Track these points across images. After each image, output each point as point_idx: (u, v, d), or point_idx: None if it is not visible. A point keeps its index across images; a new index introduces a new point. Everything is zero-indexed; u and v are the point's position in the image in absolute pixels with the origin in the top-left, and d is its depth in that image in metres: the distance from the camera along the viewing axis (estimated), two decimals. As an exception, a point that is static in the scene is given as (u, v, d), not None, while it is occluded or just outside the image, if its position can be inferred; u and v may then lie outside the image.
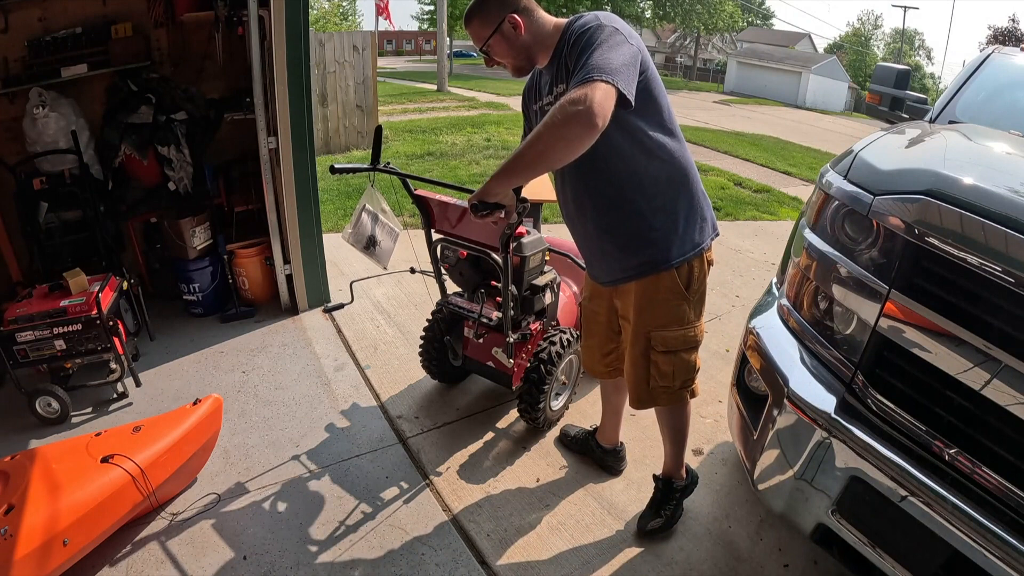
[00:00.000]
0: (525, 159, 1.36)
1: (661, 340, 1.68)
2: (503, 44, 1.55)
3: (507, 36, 1.54)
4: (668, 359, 1.70)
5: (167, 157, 3.16)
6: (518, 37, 1.54)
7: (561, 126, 1.28)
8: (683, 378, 1.74)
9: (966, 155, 1.69)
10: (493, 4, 1.53)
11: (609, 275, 1.73)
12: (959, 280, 1.22)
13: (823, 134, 14.30)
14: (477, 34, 1.56)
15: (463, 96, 15.51)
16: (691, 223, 1.61)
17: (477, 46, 1.59)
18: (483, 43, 1.56)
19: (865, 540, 1.35)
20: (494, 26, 1.53)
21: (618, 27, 1.41)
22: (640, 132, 1.51)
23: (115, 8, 3.12)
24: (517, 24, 1.52)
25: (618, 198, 1.58)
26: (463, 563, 1.84)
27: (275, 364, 2.87)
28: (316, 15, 27.08)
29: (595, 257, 1.76)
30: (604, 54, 1.33)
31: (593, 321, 1.93)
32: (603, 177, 1.57)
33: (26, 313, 2.39)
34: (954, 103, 2.39)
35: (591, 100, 1.25)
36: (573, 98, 1.27)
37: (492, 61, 1.61)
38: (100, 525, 1.70)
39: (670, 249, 1.60)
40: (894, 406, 1.34)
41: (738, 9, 35.28)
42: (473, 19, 1.56)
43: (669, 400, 1.78)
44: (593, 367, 2.02)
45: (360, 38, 7.91)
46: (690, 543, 1.94)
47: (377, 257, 2.36)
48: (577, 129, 1.27)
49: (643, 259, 1.62)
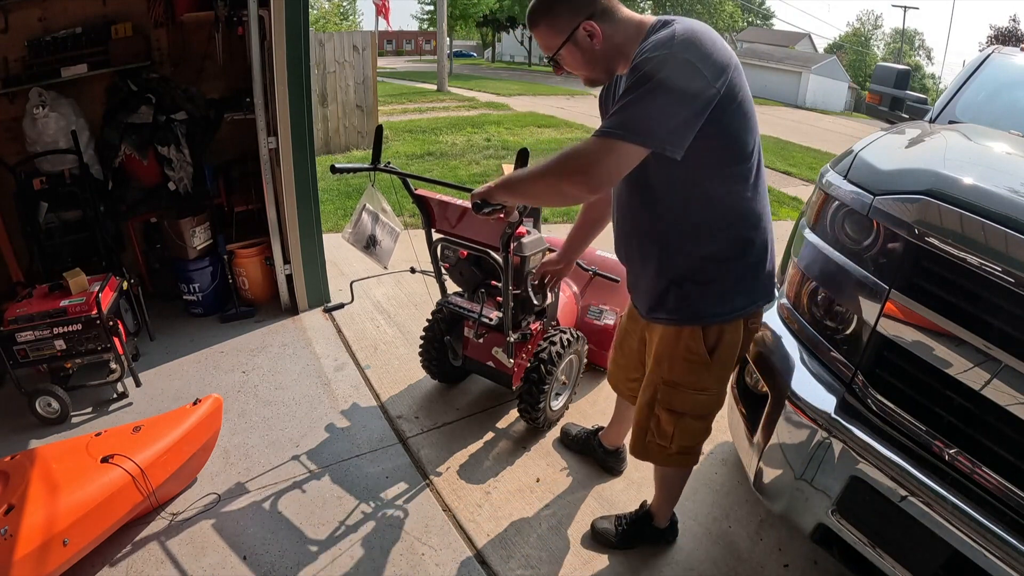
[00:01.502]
0: (525, 189, 1.34)
1: (668, 398, 1.53)
2: (577, 55, 1.33)
3: (582, 46, 1.31)
4: (672, 419, 1.55)
5: (167, 157, 3.16)
6: (595, 47, 1.31)
7: (557, 178, 1.22)
8: (683, 443, 1.58)
9: (966, 155, 1.69)
10: (564, 6, 1.29)
11: (642, 307, 1.57)
12: (959, 280, 1.22)
13: (823, 134, 14.29)
14: (545, 43, 1.34)
15: (463, 96, 15.50)
16: (740, 284, 1.41)
17: (546, 55, 1.37)
18: (553, 53, 1.34)
19: (865, 540, 1.35)
20: (566, 34, 1.30)
21: (694, 58, 1.15)
22: (699, 176, 1.30)
23: (115, 8, 3.12)
24: (594, 32, 1.29)
25: (664, 237, 1.41)
26: (463, 563, 1.84)
27: (275, 364, 2.87)
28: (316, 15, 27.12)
29: (633, 283, 1.60)
30: (650, 107, 1.14)
31: (626, 341, 1.79)
32: (651, 210, 1.40)
33: (26, 313, 2.39)
34: (954, 103, 2.39)
35: (593, 165, 1.15)
36: (578, 153, 1.18)
37: (562, 70, 1.40)
38: (100, 525, 1.70)
39: (703, 306, 1.42)
40: (894, 406, 1.34)
41: (738, 9, 35.31)
42: (539, 23, 1.33)
43: (663, 461, 1.66)
44: (617, 385, 1.93)
45: (360, 38, 7.91)
46: (690, 543, 1.94)
47: (377, 257, 2.36)
48: (570, 189, 1.21)
49: (672, 307, 1.45)
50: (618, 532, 1.91)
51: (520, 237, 2.12)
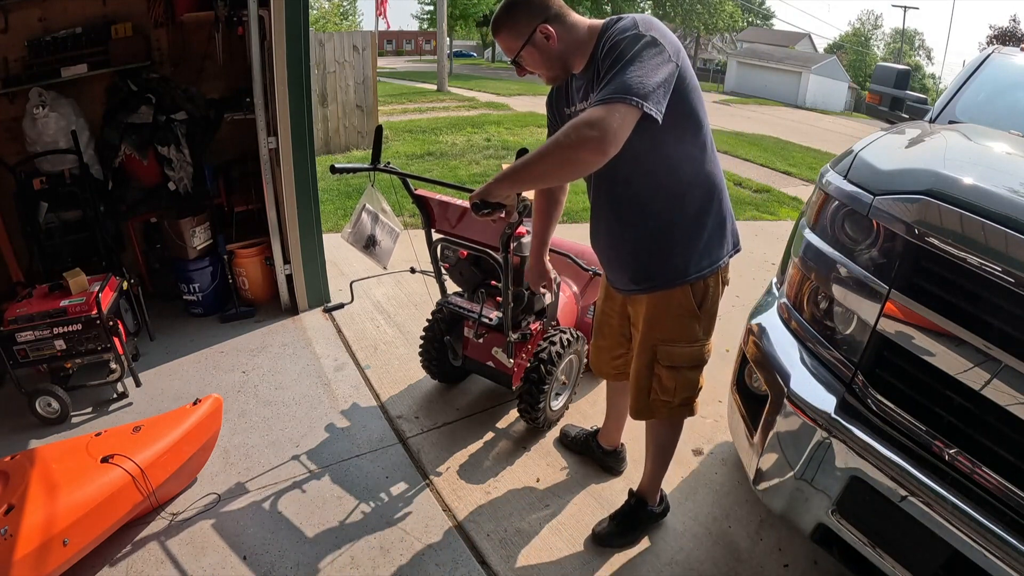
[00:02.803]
0: (531, 172, 1.35)
1: (667, 355, 1.64)
2: (536, 55, 1.48)
3: (539, 47, 1.46)
4: (672, 374, 1.66)
5: (167, 157, 3.16)
6: (551, 47, 1.45)
7: (571, 148, 1.25)
8: (684, 395, 1.71)
9: (966, 155, 1.69)
10: (522, 13, 1.44)
11: (623, 284, 1.69)
12: (959, 280, 1.22)
13: (823, 134, 14.30)
14: (507, 46, 1.49)
15: (463, 96, 15.50)
16: (712, 239, 1.56)
17: (508, 57, 1.51)
18: (514, 55, 1.48)
19: (865, 540, 1.35)
20: (525, 37, 1.45)
21: (657, 35, 1.32)
22: (668, 146, 1.44)
23: (115, 8, 3.12)
24: (550, 34, 1.44)
25: (639, 211, 1.54)
26: (463, 563, 1.84)
27: (275, 364, 2.88)
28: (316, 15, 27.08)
29: (611, 263, 1.71)
30: (636, 71, 1.26)
31: (605, 323, 1.89)
32: (625, 188, 1.53)
33: (26, 313, 2.39)
34: (954, 103, 2.39)
35: (606, 126, 1.21)
36: (589, 120, 1.22)
37: (524, 71, 1.54)
38: (100, 525, 1.70)
39: (688, 266, 1.55)
40: (894, 406, 1.34)
41: (738, 9, 35.32)
42: (501, 29, 1.48)
43: (668, 414, 1.74)
44: (601, 368, 1.99)
45: (360, 38, 7.91)
46: (690, 543, 1.94)
47: (377, 257, 2.36)
48: (586, 155, 1.24)
49: (658, 274, 1.58)
50: (618, 529, 1.92)
51: (520, 237, 2.12)
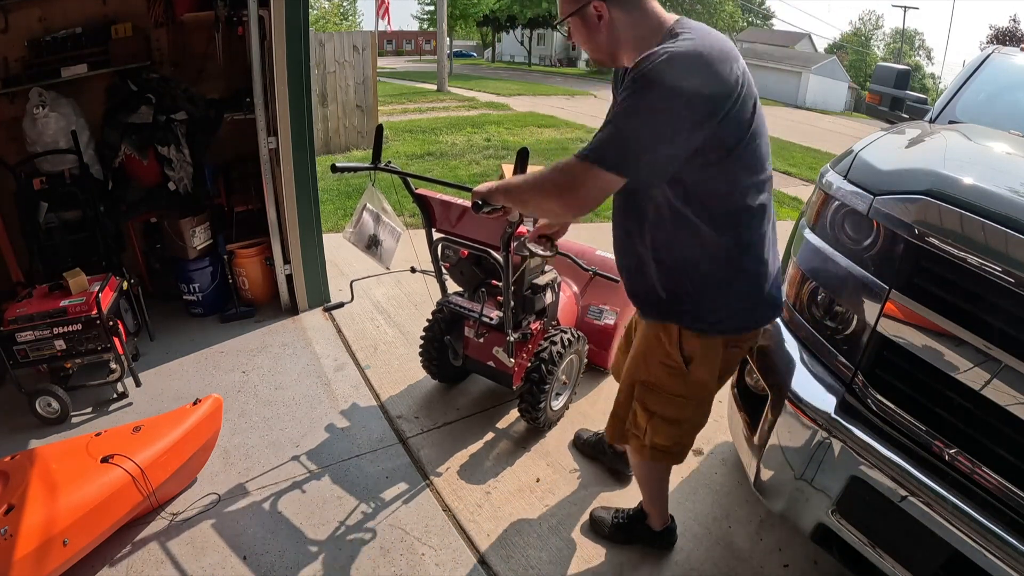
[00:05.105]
0: (520, 199, 1.34)
1: (643, 395, 1.52)
2: (581, 30, 1.31)
3: (588, 23, 1.29)
4: (646, 416, 1.53)
5: (167, 157, 3.16)
6: (599, 29, 1.28)
7: (546, 195, 1.21)
8: (656, 441, 1.54)
9: (966, 155, 1.69)
10: None
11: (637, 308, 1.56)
12: (959, 280, 1.22)
13: (823, 134, 14.29)
14: (561, 5, 1.33)
15: (463, 96, 15.50)
16: (719, 301, 1.37)
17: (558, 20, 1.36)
18: (563, 17, 1.32)
19: (865, 540, 1.35)
20: (577, 5, 1.28)
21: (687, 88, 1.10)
22: (691, 206, 1.26)
23: (115, 8, 3.12)
24: (602, 15, 1.26)
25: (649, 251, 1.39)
26: (463, 563, 1.84)
27: (275, 364, 2.87)
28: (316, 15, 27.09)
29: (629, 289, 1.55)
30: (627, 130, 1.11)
31: (633, 328, 1.77)
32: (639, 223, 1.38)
33: (26, 313, 2.39)
34: (954, 103, 2.39)
35: (575, 188, 1.13)
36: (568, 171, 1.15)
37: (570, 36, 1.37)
38: (100, 525, 1.70)
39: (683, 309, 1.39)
40: (894, 406, 1.34)
41: (738, 9, 35.32)
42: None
43: (638, 450, 1.60)
44: (618, 371, 1.89)
45: (360, 38, 7.91)
46: (690, 543, 1.94)
47: (379, 257, 2.36)
48: (556, 208, 1.20)
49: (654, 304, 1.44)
50: (613, 524, 1.92)
51: (520, 236, 2.12)
